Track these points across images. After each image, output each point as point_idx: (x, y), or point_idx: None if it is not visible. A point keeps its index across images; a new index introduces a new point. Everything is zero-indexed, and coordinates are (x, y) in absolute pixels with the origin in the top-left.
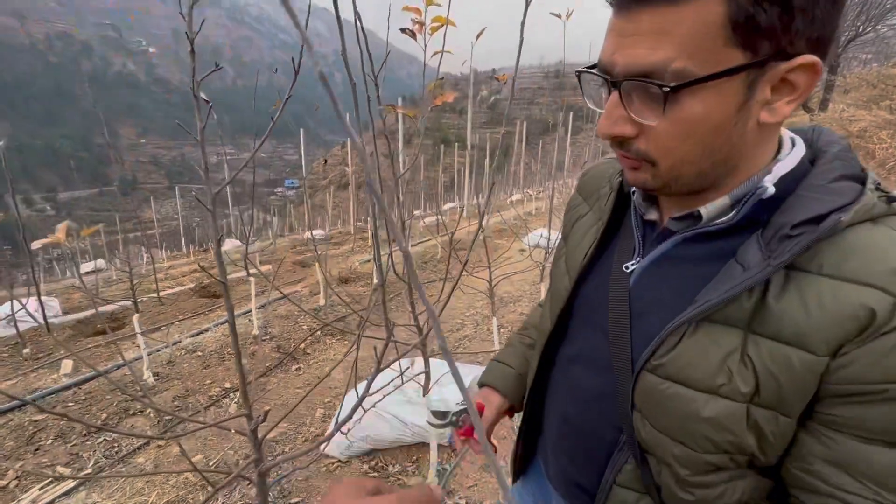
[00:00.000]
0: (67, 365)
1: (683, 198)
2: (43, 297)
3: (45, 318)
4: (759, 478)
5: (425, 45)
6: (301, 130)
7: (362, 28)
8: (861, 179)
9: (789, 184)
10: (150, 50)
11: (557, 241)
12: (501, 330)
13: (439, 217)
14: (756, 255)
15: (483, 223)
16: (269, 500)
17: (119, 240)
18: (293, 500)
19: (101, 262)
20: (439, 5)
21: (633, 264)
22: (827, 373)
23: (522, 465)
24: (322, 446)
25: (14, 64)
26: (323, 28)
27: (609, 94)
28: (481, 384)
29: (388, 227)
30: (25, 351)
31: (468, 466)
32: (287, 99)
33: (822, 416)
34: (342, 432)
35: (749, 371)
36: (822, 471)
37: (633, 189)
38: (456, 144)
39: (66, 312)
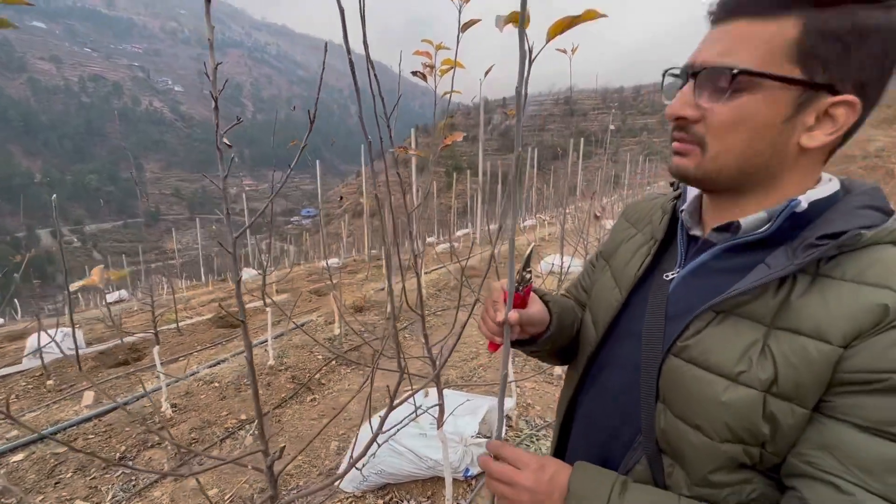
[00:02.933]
0: (89, 396)
1: (723, 208)
2: (66, 329)
3: (77, 351)
4: (765, 485)
5: (436, 86)
6: (318, 162)
7: (371, 66)
8: (887, 212)
9: (821, 208)
10: (176, 88)
11: (587, 262)
12: (515, 359)
13: (451, 245)
14: (782, 258)
15: (494, 251)
16: None
17: (142, 270)
18: None
19: (123, 293)
20: (448, 48)
21: (673, 274)
22: (839, 362)
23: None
24: (336, 483)
25: (49, 105)
26: (340, 64)
27: (684, 84)
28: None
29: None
30: (49, 382)
31: (482, 503)
32: (304, 145)
33: (824, 404)
34: (357, 468)
35: (769, 361)
36: (811, 454)
37: (683, 209)
38: (468, 171)
39: (88, 343)
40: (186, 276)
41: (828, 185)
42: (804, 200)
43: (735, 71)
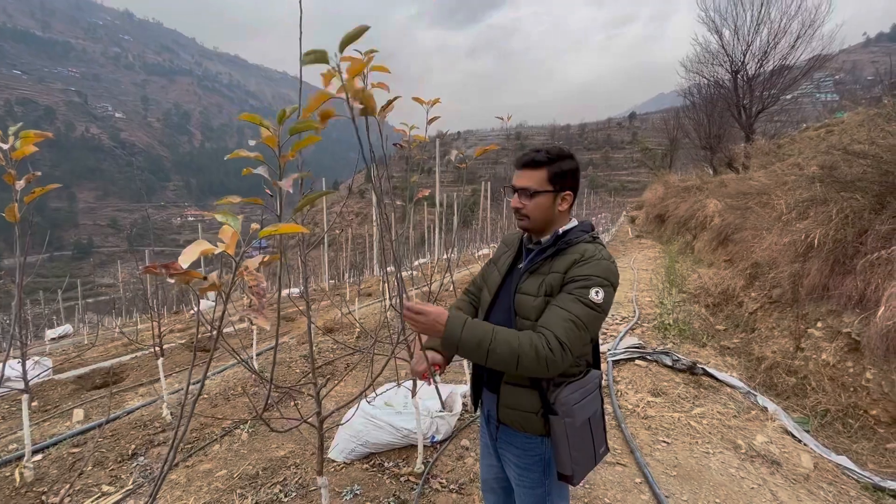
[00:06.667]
0: (79, 413)
1: (537, 236)
2: (37, 357)
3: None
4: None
5: (410, 151)
6: (280, 192)
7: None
8: (587, 230)
9: (567, 231)
10: (117, 115)
11: (484, 266)
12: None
13: (413, 272)
14: (552, 250)
15: (452, 276)
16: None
17: (78, 306)
18: (310, 490)
19: (68, 328)
20: (417, 127)
21: (521, 266)
22: (563, 279)
23: (476, 387)
24: (363, 395)
25: None
26: (294, 94)
27: (514, 194)
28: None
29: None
30: (34, 404)
31: (446, 459)
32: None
33: (553, 300)
34: (368, 400)
35: (544, 287)
36: (541, 320)
37: (524, 236)
38: (425, 202)
39: (56, 371)
40: (136, 310)
41: (571, 223)
42: (560, 230)
43: (531, 191)
